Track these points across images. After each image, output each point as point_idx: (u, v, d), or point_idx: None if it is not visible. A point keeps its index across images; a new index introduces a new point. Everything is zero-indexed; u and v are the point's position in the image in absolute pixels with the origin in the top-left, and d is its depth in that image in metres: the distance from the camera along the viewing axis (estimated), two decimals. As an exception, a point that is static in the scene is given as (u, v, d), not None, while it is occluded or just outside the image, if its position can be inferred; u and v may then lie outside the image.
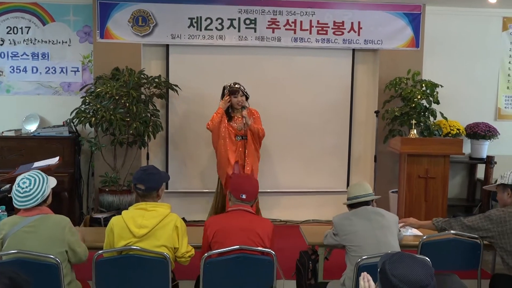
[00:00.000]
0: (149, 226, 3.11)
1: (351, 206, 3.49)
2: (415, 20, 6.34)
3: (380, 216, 3.38)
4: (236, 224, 3.20)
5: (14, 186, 3.07)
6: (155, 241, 3.12)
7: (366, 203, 3.43)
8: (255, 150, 5.54)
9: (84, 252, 3.18)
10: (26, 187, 3.04)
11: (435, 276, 1.84)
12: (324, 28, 6.29)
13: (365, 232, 3.28)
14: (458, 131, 6.23)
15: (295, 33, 6.26)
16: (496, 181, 3.83)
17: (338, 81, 6.48)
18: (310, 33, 6.27)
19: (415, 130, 5.58)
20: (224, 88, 5.52)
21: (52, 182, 3.21)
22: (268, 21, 6.22)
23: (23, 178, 3.08)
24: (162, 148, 6.39)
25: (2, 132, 6.00)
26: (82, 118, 5.51)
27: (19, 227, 3.00)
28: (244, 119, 5.38)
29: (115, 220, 3.18)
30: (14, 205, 3.06)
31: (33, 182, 3.06)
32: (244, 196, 3.29)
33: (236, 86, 5.45)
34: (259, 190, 3.47)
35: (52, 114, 6.22)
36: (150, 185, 3.24)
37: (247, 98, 5.52)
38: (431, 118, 6.03)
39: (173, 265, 3.21)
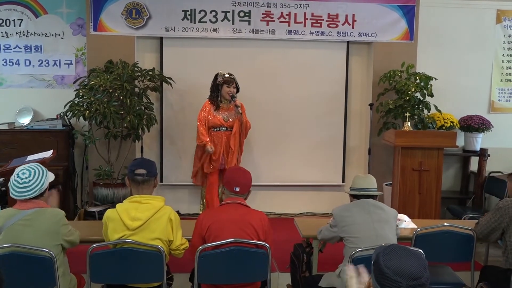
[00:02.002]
0: (143, 219, 3.11)
1: (353, 196, 3.52)
2: (409, 12, 6.33)
3: (380, 210, 3.39)
4: (230, 217, 3.20)
5: (13, 177, 3.07)
6: (149, 234, 3.12)
7: (369, 196, 3.45)
8: (239, 143, 5.57)
9: (77, 237, 3.23)
10: (26, 177, 3.05)
11: (428, 268, 1.85)
12: (319, 21, 6.27)
13: (364, 224, 3.29)
14: (452, 124, 6.25)
15: (289, 25, 6.25)
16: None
17: (333, 73, 6.48)
18: (305, 25, 6.26)
19: (409, 123, 5.60)
20: (217, 75, 5.54)
21: (51, 176, 3.22)
22: (262, 14, 6.20)
23: (23, 169, 3.09)
24: (157, 141, 6.38)
25: (-5, 126, 5.98)
26: (76, 111, 5.49)
27: (15, 220, 3.01)
28: (236, 108, 5.44)
29: (109, 213, 3.18)
30: (12, 195, 3.07)
31: (33, 174, 3.07)
32: (237, 189, 3.29)
33: (232, 77, 5.51)
34: (253, 183, 3.47)
35: (45, 107, 6.19)
36: (151, 169, 3.26)
37: (237, 92, 5.55)
38: (425, 111, 6.04)
39: (167, 258, 3.22)
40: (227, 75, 5.50)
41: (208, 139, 5.50)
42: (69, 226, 3.17)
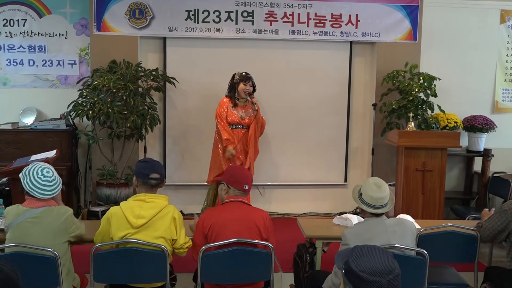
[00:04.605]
0: (147, 217, 3.11)
1: (363, 210, 3.05)
2: (413, 12, 6.32)
3: (399, 225, 3.07)
4: (233, 215, 3.20)
5: (33, 175, 3.05)
6: (153, 232, 3.13)
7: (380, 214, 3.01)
8: (256, 143, 5.58)
9: (82, 230, 3.27)
10: (50, 176, 3.09)
11: (432, 268, 1.84)
12: (322, 21, 6.27)
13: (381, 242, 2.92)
14: (455, 124, 6.23)
15: (292, 25, 6.25)
16: None
17: (336, 74, 6.47)
18: (308, 25, 6.25)
19: (412, 123, 5.58)
20: (234, 75, 5.53)
21: None
22: (266, 14, 6.20)
23: (45, 167, 3.10)
24: (160, 141, 6.39)
25: (-1, 125, 5.99)
26: (79, 111, 5.50)
27: (23, 218, 3.02)
28: (252, 105, 5.45)
29: (113, 210, 3.19)
30: (37, 194, 3.05)
31: (54, 172, 3.13)
32: (247, 187, 3.31)
33: (248, 75, 5.52)
34: (256, 183, 3.47)
35: (49, 107, 6.20)
36: (163, 173, 3.32)
37: (254, 91, 5.56)
38: (429, 111, 6.03)
39: (171, 258, 3.22)
40: (244, 73, 5.52)
41: (237, 143, 5.43)
42: (75, 222, 3.20)
